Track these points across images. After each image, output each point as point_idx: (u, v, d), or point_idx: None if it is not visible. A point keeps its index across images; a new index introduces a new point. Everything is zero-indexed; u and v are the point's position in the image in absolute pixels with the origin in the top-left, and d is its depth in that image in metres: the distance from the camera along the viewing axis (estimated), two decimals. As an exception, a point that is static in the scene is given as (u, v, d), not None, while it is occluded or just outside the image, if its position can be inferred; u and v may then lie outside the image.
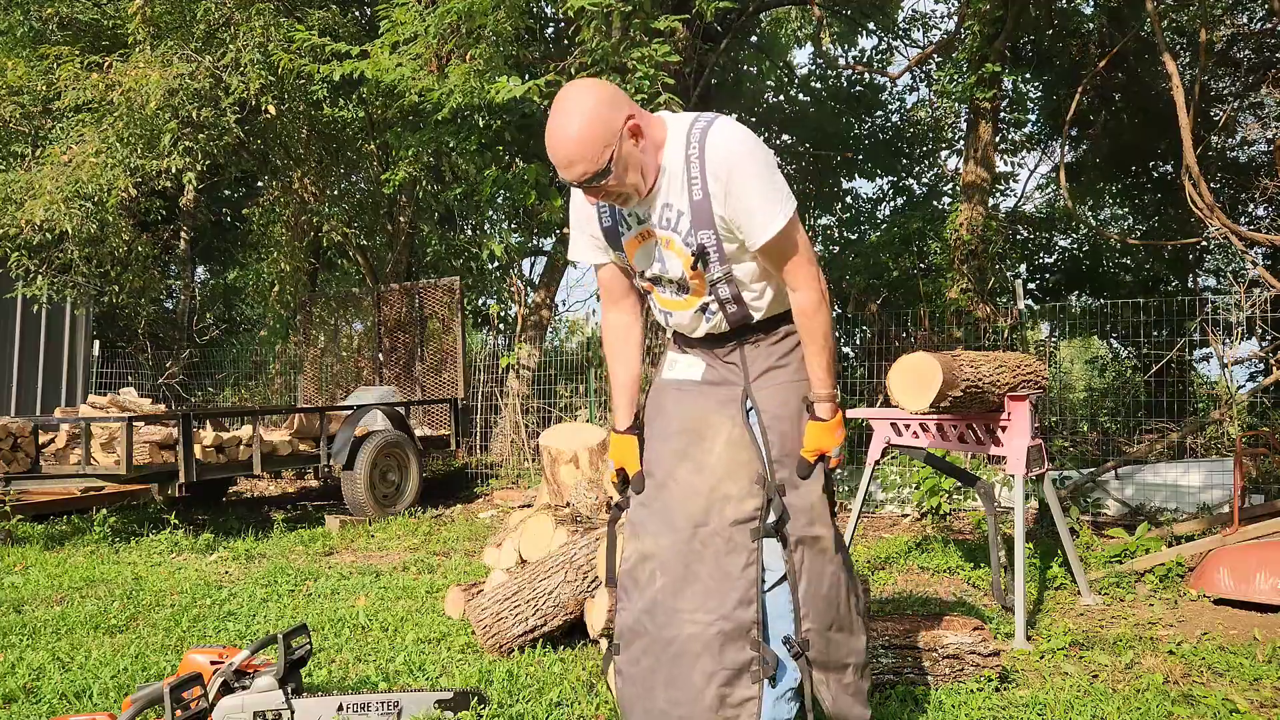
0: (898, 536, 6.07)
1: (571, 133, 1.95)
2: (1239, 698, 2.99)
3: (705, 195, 2.07)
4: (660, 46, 6.31)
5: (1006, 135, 12.80)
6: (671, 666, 2.13)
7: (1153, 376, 8.03)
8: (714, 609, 2.12)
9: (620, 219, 2.22)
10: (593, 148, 1.95)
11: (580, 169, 1.97)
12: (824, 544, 2.20)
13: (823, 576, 2.20)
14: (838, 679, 2.22)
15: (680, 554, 2.17)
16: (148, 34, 7.80)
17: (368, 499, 7.08)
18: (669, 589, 2.16)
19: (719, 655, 2.10)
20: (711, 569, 2.14)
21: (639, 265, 2.26)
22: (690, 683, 2.11)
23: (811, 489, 2.21)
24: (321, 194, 10.55)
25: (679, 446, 2.26)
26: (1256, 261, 8.64)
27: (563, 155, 1.97)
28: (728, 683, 2.10)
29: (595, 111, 1.96)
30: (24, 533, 6.50)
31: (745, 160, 2.05)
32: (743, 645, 2.12)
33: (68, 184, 7.39)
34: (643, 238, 2.21)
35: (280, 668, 2.69)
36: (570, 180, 2.01)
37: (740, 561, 2.14)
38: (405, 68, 6.51)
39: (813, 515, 2.20)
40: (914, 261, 11.68)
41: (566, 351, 10.81)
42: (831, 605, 2.21)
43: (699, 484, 2.20)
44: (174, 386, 11.43)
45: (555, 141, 1.98)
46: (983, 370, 3.76)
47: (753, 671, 2.11)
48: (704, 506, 2.18)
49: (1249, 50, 10.71)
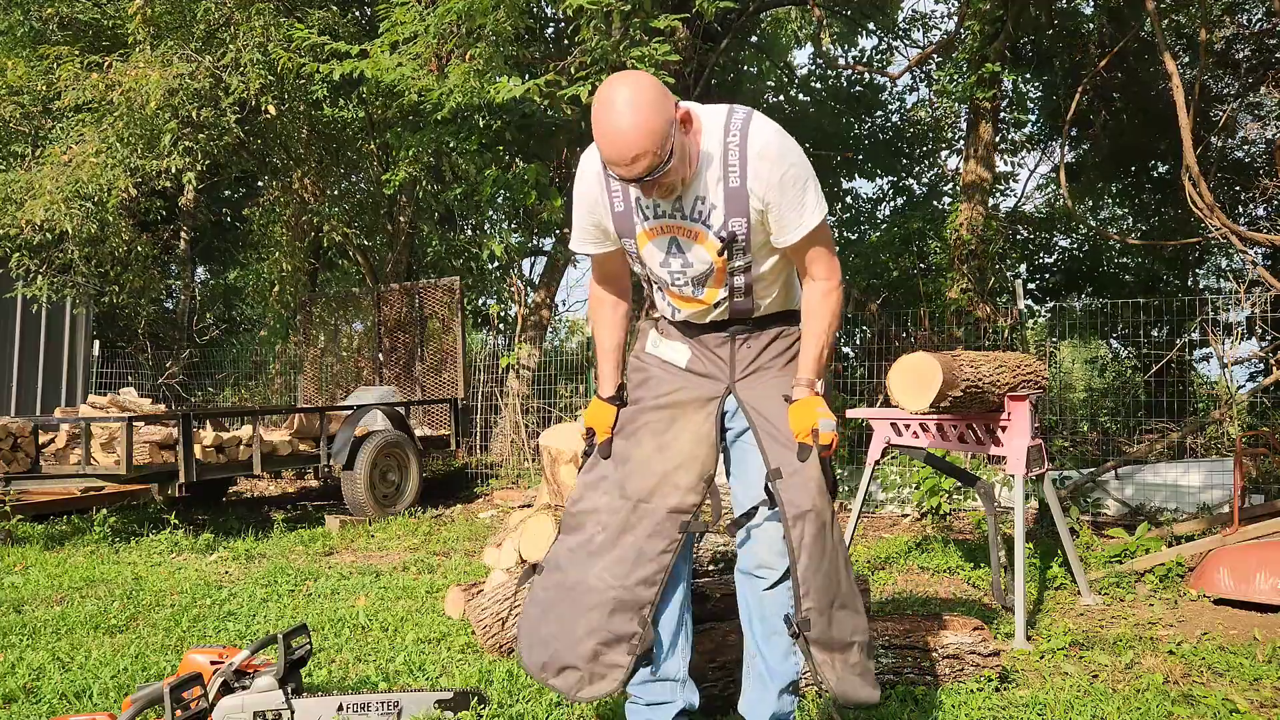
0: (898, 536, 6.07)
1: (634, 125, 1.88)
2: (1239, 698, 2.99)
3: (742, 184, 2.07)
4: (660, 46, 6.31)
5: (1006, 135, 12.80)
6: (568, 605, 2.25)
7: (1153, 376, 8.03)
8: (619, 575, 2.22)
9: (637, 208, 2.17)
10: (655, 139, 1.90)
11: (645, 163, 1.91)
12: (822, 519, 2.20)
13: (823, 553, 2.19)
14: (843, 659, 2.21)
15: (618, 519, 2.27)
16: (148, 34, 7.80)
17: (368, 499, 7.08)
18: (598, 543, 2.26)
19: (607, 618, 2.21)
20: (632, 541, 2.24)
21: (650, 260, 2.24)
22: (574, 627, 2.23)
23: (809, 468, 2.21)
24: (321, 194, 10.55)
25: (653, 419, 2.33)
26: (1256, 261, 8.63)
27: (626, 150, 1.90)
28: (605, 643, 2.21)
29: (652, 102, 1.90)
30: (24, 533, 6.50)
31: (790, 154, 2.07)
32: (631, 618, 2.22)
33: (68, 184, 7.39)
34: (660, 231, 2.18)
35: (280, 668, 2.69)
36: (631, 176, 1.95)
37: (659, 546, 2.24)
38: (405, 68, 6.51)
39: (809, 492, 2.20)
40: (914, 261, 11.67)
41: (566, 351, 10.81)
42: (832, 582, 2.20)
43: (656, 464, 2.28)
44: (174, 386, 11.43)
45: (617, 136, 1.90)
46: (983, 370, 3.76)
47: (631, 644, 2.21)
48: (653, 486, 2.27)
49: (1249, 50, 10.71)
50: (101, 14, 9.00)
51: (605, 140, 1.93)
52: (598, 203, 2.22)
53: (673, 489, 2.26)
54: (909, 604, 4.32)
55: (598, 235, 2.28)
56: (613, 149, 1.92)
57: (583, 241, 2.31)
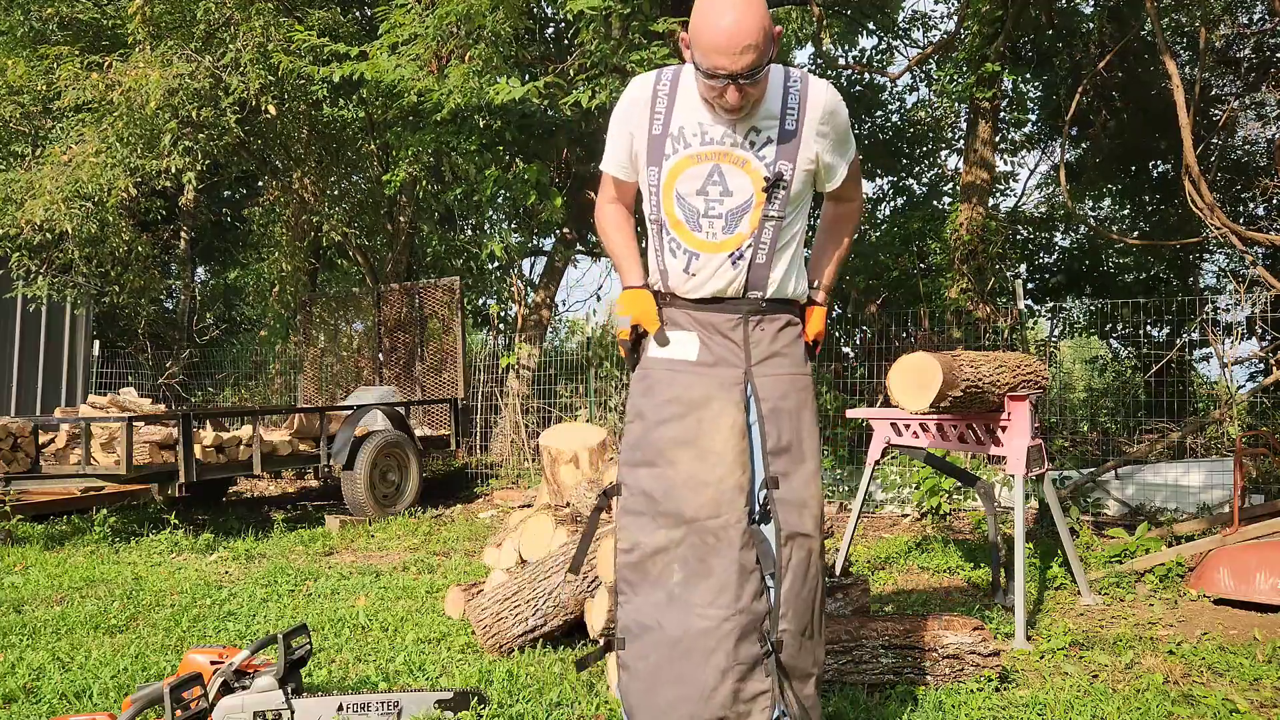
0: (898, 536, 6.07)
1: (746, 16, 1.93)
2: (1239, 698, 2.99)
3: (798, 128, 2.13)
4: (659, 49, 6.30)
5: (1006, 135, 12.80)
6: (681, 663, 2.09)
7: (1153, 376, 8.03)
8: (728, 604, 2.08)
9: (679, 136, 2.16)
10: (764, 36, 1.95)
11: (750, 58, 1.94)
12: (812, 544, 2.16)
13: (804, 579, 2.14)
14: (801, 688, 2.14)
15: (694, 547, 2.12)
16: (148, 34, 7.80)
17: (368, 499, 7.08)
18: (682, 581, 2.11)
19: (734, 650, 2.07)
20: (727, 563, 2.10)
21: (685, 187, 2.16)
22: (700, 680, 2.06)
23: (808, 486, 2.18)
24: (321, 194, 10.54)
25: (677, 432, 2.18)
26: (1256, 261, 8.63)
27: (736, 40, 1.93)
28: (742, 678, 2.07)
29: (763, 11, 1.97)
30: (24, 533, 6.50)
31: (842, 106, 2.22)
32: (754, 639, 2.09)
33: (68, 184, 7.39)
34: (698, 159, 2.14)
35: (280, 668, 2.69)
36: (734, 70, 1.96)
37: (753, 555, 2.11)
38: (405, 69, 6.51)
39: (804, 513, 2.15)
40: (914, 261, 11.67)
41: (566, 351, 10.80)
42: (808, 609, 2.16)
43: (704, 473, 2.14)
44: (174, 386, 11.43)
45: (727, 23, 1.92)
46: (983, 370, 3.76)
47: (765, 664, 2.08)
48: (713, 498, 2.13)
49: (1249, 50, 10.71)
50: (101, 14, 9.00)
51: (713, 28, 1.94)
52: (638, 124, 2.20)
53: (737, 492, 2.13)
54: (909, 604, 4.32)
55: (626, 160, 2.28)
56: (721, 36, 1.93)
57: (612, 162, 2.31)
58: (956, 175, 13.51)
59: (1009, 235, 11.37)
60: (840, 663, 3.09)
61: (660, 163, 2.17)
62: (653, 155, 2.19)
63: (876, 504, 7.20)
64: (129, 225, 8.80)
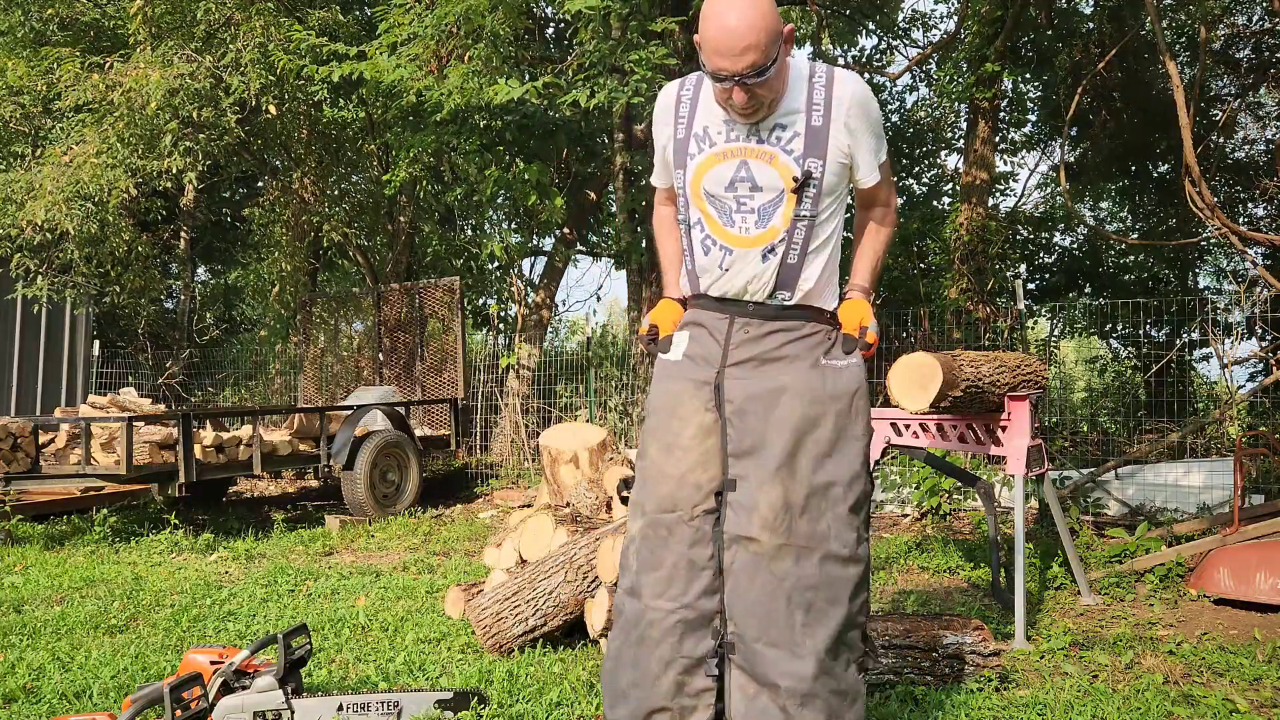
0: (898, 536, 6.07)
1: (746, 16, 1.91)
2: (1239, 698, 2.99)
3: (825, 123, 2.10)
4: (658, 49, 6.30)
5: (1006, 135, 12.79)
6: (636, 648, 2.16)
7: (1153, 376, 8.03)
8: (674, 597, 2.12)
9: (703, 136, 2.16)
10: (766, 36, 1.93)
11: (751, 58, 1.93)
12: (759, 549, 2.07)
13: (752, 583, 2.07)
14: (769, 697, 2.06)
15: (648, 539, 2.18)
16: (148, 34, 7.80)
17: (368, 499, 7.08)
18: (639, 574, 2.18)
19: (678, 644, 2.11)
20: (675, 557, 2.13)
21: (714, 184, 2.15)
22: (648, 668, 2.12)
23: (768, 494, 2.09)
24: (321, 194, 10.55)
25: (653, 426, 2.26)
26: (1256, 261, 8.64)
27: (736, 40, 1.91)
28: (686, 671, 2.11)
29: (769, 9, 1.95)
30: (24, 533, 6.50)
31: (872, 100, 2.17)
32: (703, 635, 2.11)
33: (68, 184, 7.39)
34: (724, 156, 2.14)
35: (280, 668, 2.69)
36: (736, 69, 1.94)
37: (707, 552, 2.13)
38: (404, 69, 6.51)
39: (755, 518, 2.08)
40: (914, 261, 11.67)
41: (566, 351, 10.81)
42: (760, 616, 2.07)
43: (668, 467, 2.18)
44: (174, 386, 11.43)
45: (728, 24, 1.92)
46: (983, 370, 3.76)
47: (709, 663, 2.11)
48: (671, 492, 2.17)
49: (1249, 50, 10.71)
50: (102, 14, 9.00)
51: (714, 29, 1.94)
52: (666, 129, 2.24)
53: (694, 489, 2.14)
54: (909, 604, 4.32)
55: (661, 167, 2.32)
56: (722, 36, 1.92)
57: (657, 175, 2.36)
58: (956, 175, 13.51)
59: (1009, 235, 11.37)
60: (840, 663, 3.09)
61: (685, 164, 2.18)
62: (679, 158, 2.20)
63: (876, 504, 7.20)
64: (129, 225, 8.80)
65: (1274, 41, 10.42)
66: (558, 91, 6.51)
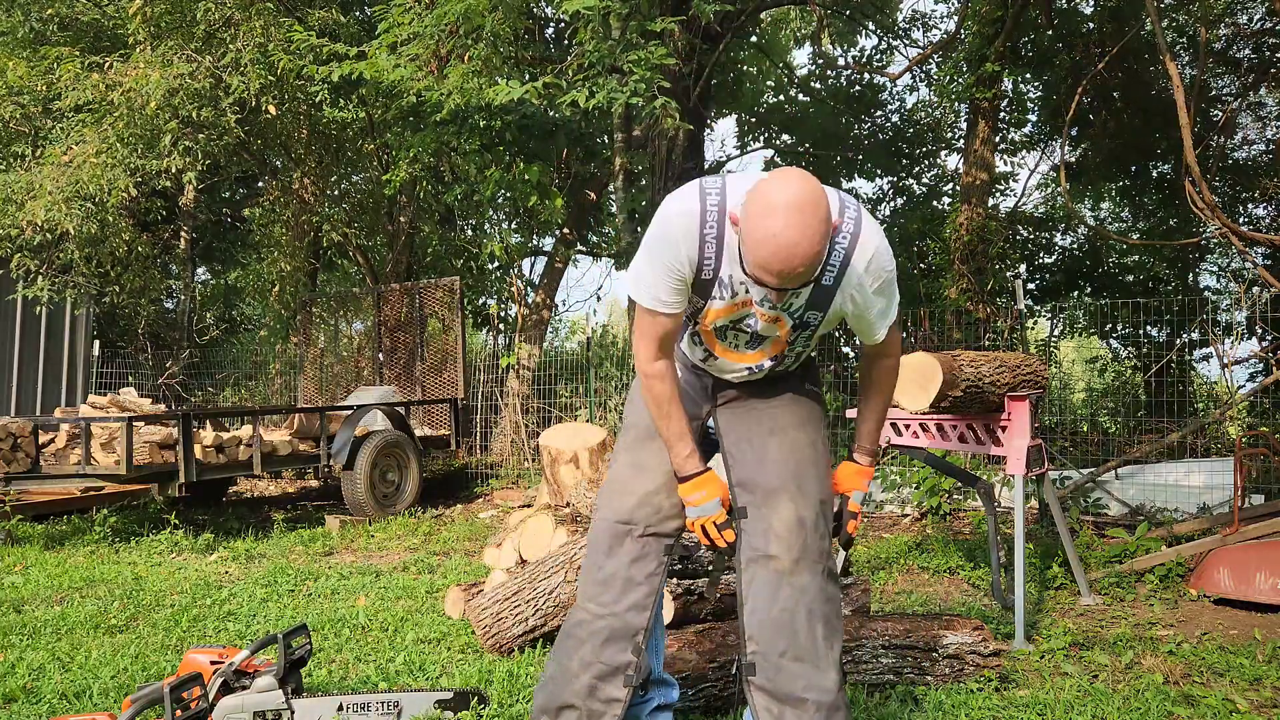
0: (898, 536, 6.07)
1: (809, 239, 1.77)
2: (1239, 698, 2.99)
3: (835, 285, 2.01)
4: (657, 49, 6.30)
5: (1006, 135, 12.79)
6: (560, 645, 2.23)
7: (1153, 376, 8.03)
8: (607, 604, 2.17)
9: (724, 284, 2.05)
10: (819, 260, 1.82)
11: (804, 279, 1.84)
12: (779, 565, 2.11)
13: (774, 600, 2.09)
14: (795, 713, 2.05)
15: (596, 542, 2.24)
16: (148, 34, 7.80)
17: (368, 499, 7.08)
18: (580, 572, 2.27)
19: (599, 649, 2.16)
20: (617, 567, 2.19)
21: (713, 319, 2.13)
22: (569, 663, 2.19)
23: (780, 512, 2.13)
24: (321, 194, 10.55)
25: (627, 441, 2.31)
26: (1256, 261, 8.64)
27: (793, 270, 1.79)
28: (601, 677, 2.15)
29: (826, 225, 1.80)
30: (24, 533, 6.50)
31: (889, 263, 2.05)
32: (625, 647, 2.15)
33: (68, 184, 7.39)
34: (738, 307, 2.09)
35: (280, 668, 2.69)
36: (781, 286, 1.85)
37: (646, 569, 2.19)
38: (404, 69, 6.51)
39: (770, 536, 2.13)
40: (914, 261, 11.67)
41: (566, 351, 10.81)
42: (784, 631, 2.07)
43: (634, 484, 2.23)
44: (174, 386, 11.43)
45: (789, 255, 1.77)
46: (983, 370, 3.76)
47: (627, 676, 2.14)
48: (632, 508, 2.22)
49: (1249, 50, 10.71)
50: (102, 14, 9.00)
51: (770, 251, 1.78)
52: (687, 264, 2.02)
53: (654, 512, 2.20)
54: (909, 604, 4.32)
55: (679, 293, 2.06)
56: (778, 261, 1.78)
57: (663, 301, 2.06)
58: (956, 175, 13.51)
59: (1009, 235, 11.36)
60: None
61: (706, 297, 2.09)
62: (700, 293, 2.08)
63: (876, 504, 7.20)
64: (129, 225, 8.80)
65: (1274, 41, 10.42)
66: (558, 92, 6.51)
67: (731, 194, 1.98)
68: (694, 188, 2.02)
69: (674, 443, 2.17)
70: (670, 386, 2.15)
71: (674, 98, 6.74)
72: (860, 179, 15.21)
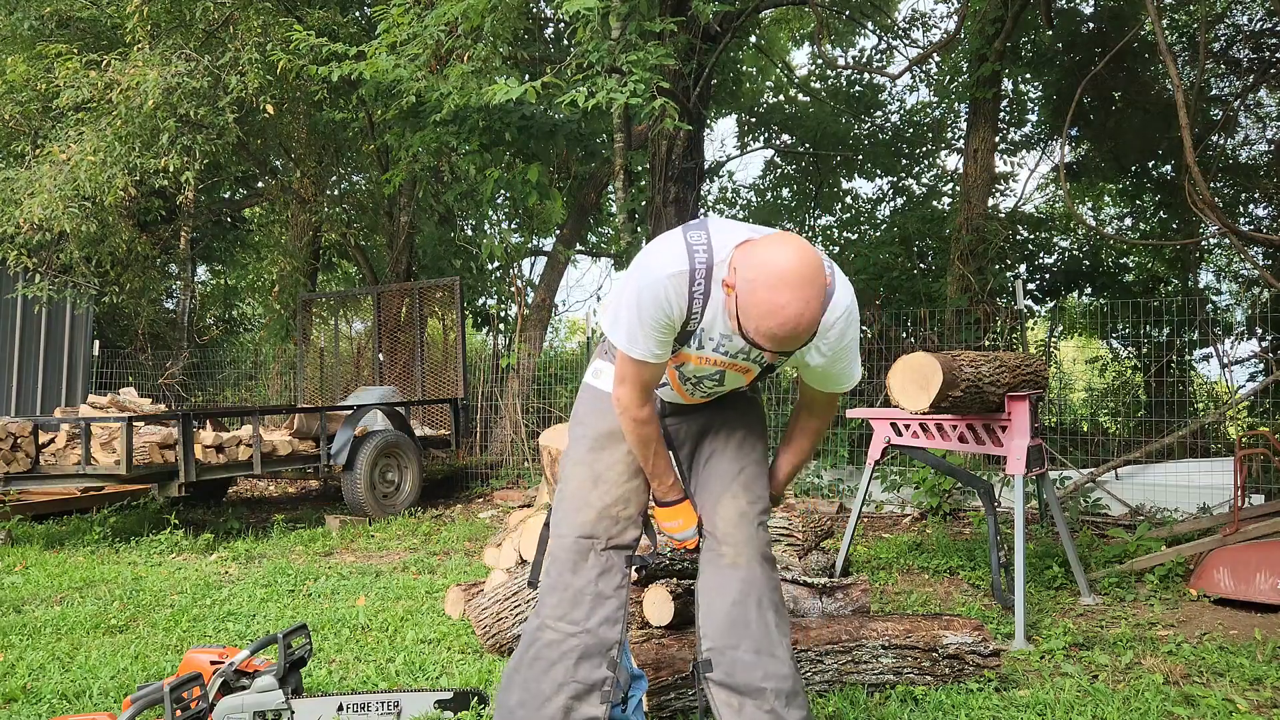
0: (898, 536, 6.07)
1: (811, 322, 1.80)
2: (1239, 698, 2.99)
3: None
4: (657, 49, 6.30)
5: (1006, 135, 12.79)
6: (529, 669, 2.16)
7: (1153, 376, 8.03)
8: (578, 621, 2.14)
9: (703, 334, 2.08)
10: (814, 329, 1.85)
11: (797, 347, 1.87)
12: (727, 559, 2.18)
13: (725, 594, 2.15)
14: (755, 704, 2.10)
15: (558, 560, 2.20)
16: (146, 33, 7.80)
17: (368, 499, 7.08)
18: (544, 591, 2.19)
19: (574, 668, 2.12)
20: (585, 583, 2.16)
21: (685, 370, 2.20)
22: (539, 689, 2.12)
23: (723, 511, 2.22)
24: (321, 194, 10.54)
25: (580, 454, 2.28)
26: (1256, 261, 8.63)
27: (797, 341, 1.82)
28: (577, 696, 2.11)
29: (824, 294, 1.85)
30: (24, 533, 6.50)
31: (854, 326, 2.07)
32: (599, 663, 2.13)
33: (66, 183, 7.39)
34: (710, 362, 2.15)
35: (280, 668, 2.69)
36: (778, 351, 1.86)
37: (614, 582, 2.18)
38: (404, 69, 6.50)
39: (719, 535, 2.21)
40: (914, 261, 11.67)
41: (566, 351, 10.80)
42: (737, 624, 2.13)
43: (592, 498, 2.22)
44: (174, 386, 11.43)
45: (795, 328, 1.79)
46: (983, 370, 3.76)
47: (604, 692, 2.12)
48: (592, 520, 2.21)
49: (1249, 50, 10.71)
50: (99, 12, 9.00)
51: (775, 324, 1.80)
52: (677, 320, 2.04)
53: (613, 524, 2.21)
54: (909, 604, 4.32)
55: (668, 343, 2.08)
56: (778, 327, 1.79)
57: (655, 353, 2.07)
58: (956, 175, 13.50)
59: (1009, 235, 11.36)
60: (840, 663, 3.09)
61: (683, 343, 2.11)
62: (680, 343, 2.11)
63: (876, 504, 7.20)
64: (128, 225, 8.80)
65: (1274, 41, 10.42)
66: (557, 92, 6.51)
67: (717, 249, 1.97)
68: (680, 246, 1.98)
69: (659, 475, 2.24)
70: (657, 428, 2.20)
71: (673, 98, 6.73)
72: (860, 179, 15.21)
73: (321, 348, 10.76)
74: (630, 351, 2.06)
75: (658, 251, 2.01)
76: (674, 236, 2.02)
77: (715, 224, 2.03)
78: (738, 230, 2.00)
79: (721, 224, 2.03)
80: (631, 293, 2.02)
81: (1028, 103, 13.03)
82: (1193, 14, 9.45)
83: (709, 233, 2.00)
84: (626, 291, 2.04)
